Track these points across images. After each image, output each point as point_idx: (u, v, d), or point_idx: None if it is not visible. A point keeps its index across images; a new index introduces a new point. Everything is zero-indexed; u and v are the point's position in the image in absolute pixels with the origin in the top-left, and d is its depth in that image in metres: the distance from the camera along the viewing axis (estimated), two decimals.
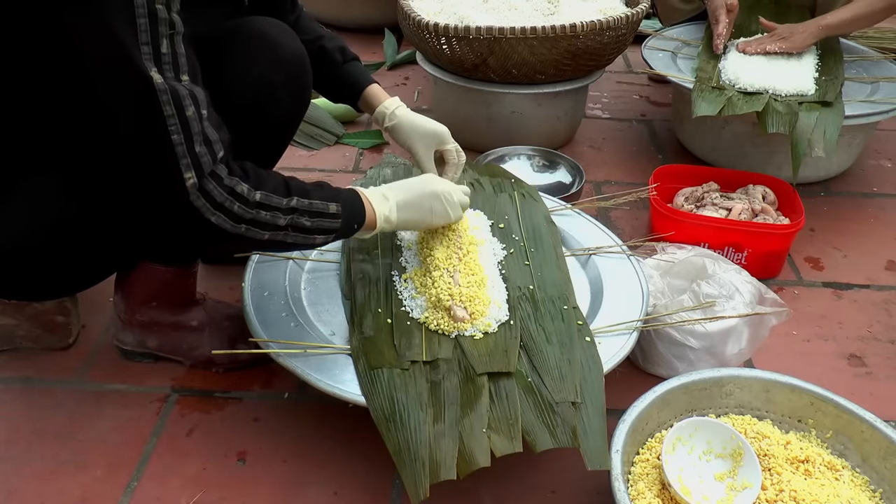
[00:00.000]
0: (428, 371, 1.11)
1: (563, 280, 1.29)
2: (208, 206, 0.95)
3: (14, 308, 1.30)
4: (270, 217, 1.00)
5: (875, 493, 1.06)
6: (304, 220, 1.04)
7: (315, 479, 1.14)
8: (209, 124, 0.94)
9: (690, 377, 1.13)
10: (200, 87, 0.94)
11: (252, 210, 0.99)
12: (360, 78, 1.38)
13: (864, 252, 1.74)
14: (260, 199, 0.99)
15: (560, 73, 1.90)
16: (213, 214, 0.96)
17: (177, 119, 0.90)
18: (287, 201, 1.02)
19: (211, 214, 0.96)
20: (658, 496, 1.02)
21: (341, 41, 1.40)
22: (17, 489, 1.12)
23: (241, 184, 0.97)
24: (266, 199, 1.00)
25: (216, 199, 0.95)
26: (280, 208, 1.01)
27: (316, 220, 1.05)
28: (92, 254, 1.15)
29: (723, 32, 1.96)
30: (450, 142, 1.36)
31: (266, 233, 1.02)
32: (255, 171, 1.01)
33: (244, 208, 0.98)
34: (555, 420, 1.04)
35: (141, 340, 1.31)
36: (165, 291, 1.27)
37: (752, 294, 1.30)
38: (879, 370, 1.40)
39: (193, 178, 0.93)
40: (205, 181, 0.94)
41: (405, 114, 1.36)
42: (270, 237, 1.03)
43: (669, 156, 2.09)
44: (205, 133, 0.93)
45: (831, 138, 1.69)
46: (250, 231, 1.00)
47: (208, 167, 0.94)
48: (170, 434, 1.22)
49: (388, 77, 2.50)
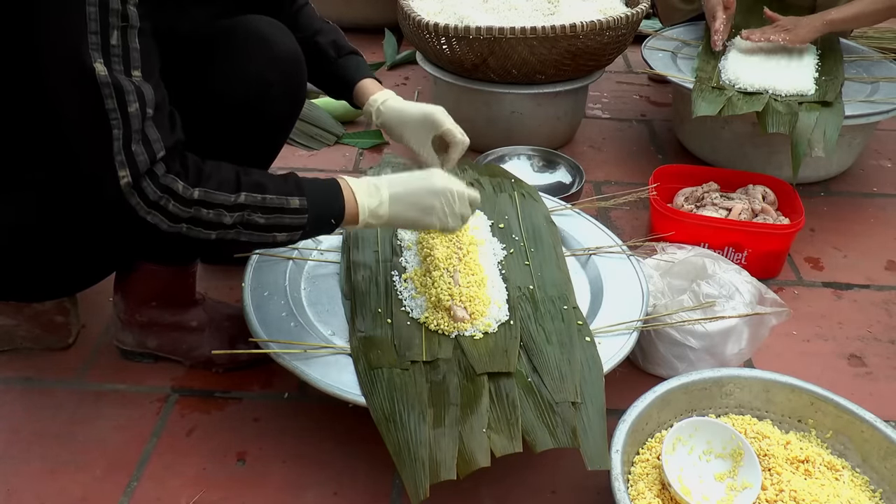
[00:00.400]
0: (428, 371, 1.11)
1: (563, 280, 1.29)
2: (142, 205, 0.92)
3: (14, 308, 1.30)
4: (214, 215, 0.96)
5: (875, 493, 1.06)
6: (256, 216, 0.98)
7: (315, 480, 1.14)
8: (152, 124, 0.91)
9: (690, 377, 1.13)
10: (153, 85, 0.92)
11: (189, 209, 0.94)
12: (353, 73, 1.32)
13: (864, 252, 1.74)
14: (199, 196, 0.94)
15: (560, 73, 1.90)
16: (147, 213, 0.93)
17: (118, 114, 0.88)
18: (234, 198, 0.96)
19: (145, 213, 0.93)
20: (658, 496, 1.02)
21: (337, 35, 1.35)
22: (17, 489, 1.12)
23: (176, 181, 0.93)
24: (206, 197, 0.95)
25: (150, 197, 0.92)
26: (225, 205, 0.96)
27: (272, 216, 0.99)
28: (89, 254, 1.15)
29: (720, 29, 1.95)
30: (445, 122, 1.25)
31: (212, 232, 0.97)
32: (197, 168, 0.96)
33: (180, 207, 0.94)
34: (555, 420, 1.04)
35: (141, 341, 1.31)
36: (165, 291, 1.27)
37: (752, 294, 1.30)
38: (879, 370, 1.40)
39: (128, 177, 0.90)
40: (140, 180, 0.91)
41: (393, 105, 1.28)
42: (218, 236, 0.98)
43: (669, 156, 2.09)
44: (144, 132, 0.90)
45: (831, 138, 1.69)
46: (192, 231, 0.96)
47: (144, 167, 0.91)
48: (170, 434, 1.22)
49: (388, 77, 2.50)
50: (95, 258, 1.18)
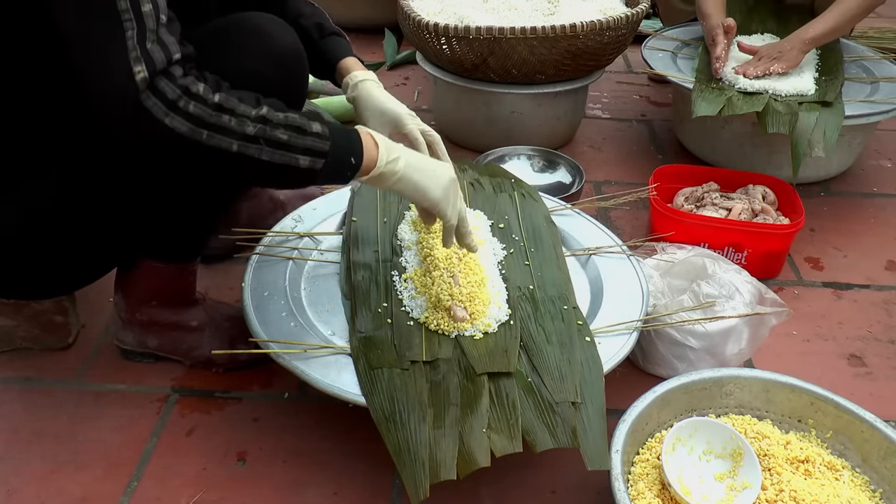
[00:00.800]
0: (428, 371, 1.11)
1: (563, 280, 1.29)
2: (160, 105, 0.87)
3: (13, 308, 1.30)
4: (236, 123, 0.92)
5: (875, 493, 1.06)
6: (278, 132, 0.94)
7: (315, 479, 1.14)
8: (166, 30, 0.89)
9: (690, 377, 1.13)
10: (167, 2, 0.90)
11: (212, 112, 0.90)
12: (335, 52, 1.30)
13: (864, 252, 1.74)
14: (220, 100, 0.91)
15: (560, 73, 1.90)
16: (165, 115, 0.88)
17: (131, 14, 0.86)
18: (256, 111, 0.94)
19: (164, 115, 0.88)
20: (658, 496, 1.02)
21: (322, 18, 1.33)
22: (17, 489, 1.12)
23: (197, 83, 0.90)
24: (227, 103, 0.92)
25: (168, 96, 0.88)
26: (248, 116, 0.93)
27: (294, 134, 0.96)
28: (88, 250, 1.15)
29: (721, 55, 1.85)
30: (406, 124, 1.22)
31: (234, 142, 0.92)
32: (215, 78, 0.94)
33: (202, 108, 0.89)
34: (555, 420, 1.04)
35: (141, 340, 1.31)
36: (165, 290, 1.27)
37: (752, 294, 1.30)
38: (879, 370, 1.40)
39: (144, 72, 0.86)
40: (157, 79, 0.87)
41: (367, 88, 1.25)
42: (240, 149, 0.93)
43: (669, 156, 2.09)
44: (159, 34, 0.88)
45: (831, 138, 1.69)
46: (213, 138, 0.91)
47: (161, 64, 0.87)
48: (170, 434, 1.22)
49: (388, 77, 2.50)
50: (95, 254, 1.18)
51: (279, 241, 1.36)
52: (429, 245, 1.25)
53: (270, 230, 1.38)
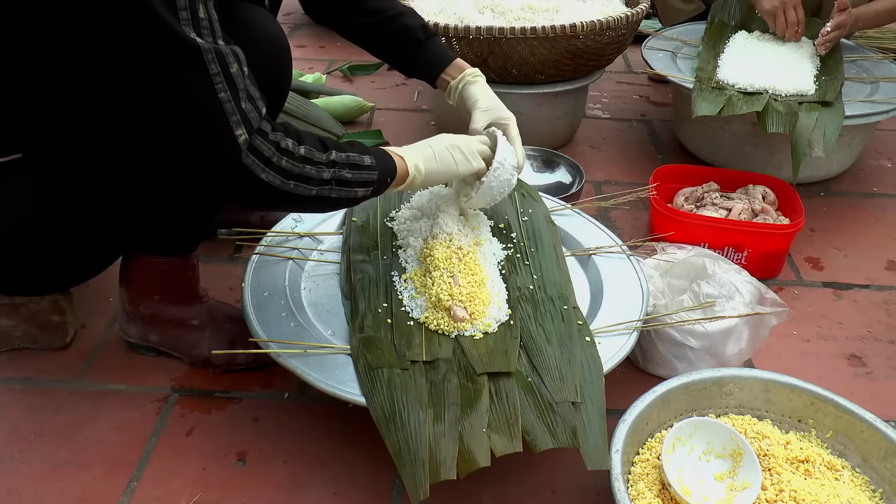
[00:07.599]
0: (428, 371, 1.11)
1: (563, 280, 1.29)
2: (258, 163, 0.95)
3: (10, 308, 1.30)
4: (316, 171, 1.00)
5: (875, 493, 1.06)
6: (345, 172, 1.04)
7: (315, 479, 1.14)
8: (251, 82, 0.94)
9: (690, 377, 1.13)
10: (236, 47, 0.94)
11: (299, 165, 0.98)
12: (444, 53, 1.39)
13: (864, 252, 1.74)
14: (304, 153, 0.99)
15: (560, 73, 1.90)
16: (263, 171, 0.95)
17: (223, 77, 0.90)
18: (327, 156, 1.02)
19: (261, 171, 0.95)
20: (658, 496, 1.02)
21: (422, 18, 1.41)
22: (17, 489, 1.12)
23: (285, 139, 0.97)
24: (310, 154, 1.00)
25: (265, 154, 0.95)
26: (323, 162, 1.01)
27: (355, 172, 1.05)
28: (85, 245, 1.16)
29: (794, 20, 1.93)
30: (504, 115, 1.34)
31: (313, 188, 1.01)
32: (293, 127, 1.01)
33: (292, 163, 0.98)
34: (555, 420, 1.04)
35: (144, 334, 1.32)
36: (167, 283, 1.27)
37: (752, 294, 1.30)
38: (879, 370, 1.40)
39: (244, 134, 0.92)
40: (253, 137, 0.94)
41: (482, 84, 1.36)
42: (317, 192, 1.02)
43: (669, 156, 2.09)
44: (248, 90, 0.93)
45: (831, 138, 1.69)
46: (299, 187, 1.00)
47: (256, 123, 0.94)
48: (170, 434, 1.22)
49: (388, 77, 2.49)
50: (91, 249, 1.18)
51: (279, 240, 1.36)
52: (429, 245, 1.25)
53: (270, 230, 1.38)
